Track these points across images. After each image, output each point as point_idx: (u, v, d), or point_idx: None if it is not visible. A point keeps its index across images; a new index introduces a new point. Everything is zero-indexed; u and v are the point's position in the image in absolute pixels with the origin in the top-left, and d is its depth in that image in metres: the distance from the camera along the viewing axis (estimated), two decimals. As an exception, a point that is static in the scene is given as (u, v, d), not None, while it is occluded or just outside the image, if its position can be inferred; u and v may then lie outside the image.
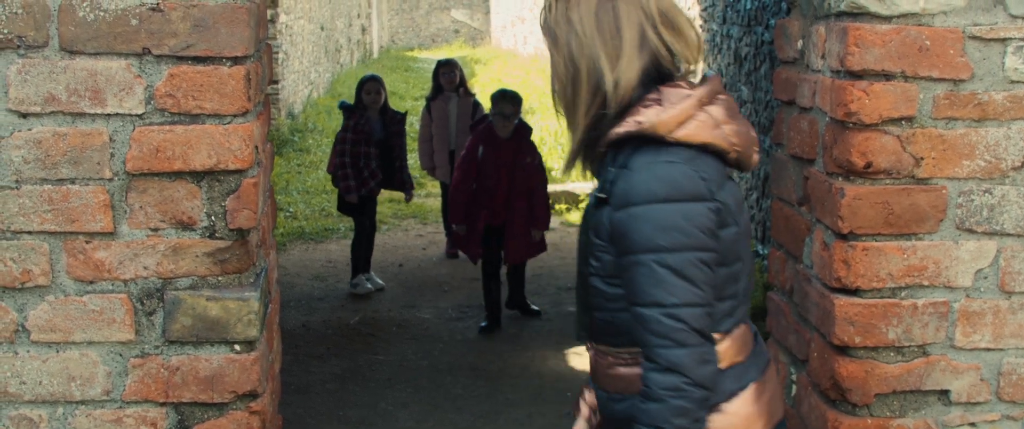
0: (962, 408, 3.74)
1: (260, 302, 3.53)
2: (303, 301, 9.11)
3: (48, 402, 3.52)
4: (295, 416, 6.50)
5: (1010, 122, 3.59)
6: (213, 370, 3.50)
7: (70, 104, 3.34)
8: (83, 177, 3.38)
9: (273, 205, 4.04)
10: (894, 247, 3.62)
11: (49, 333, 3.47)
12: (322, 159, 15.12)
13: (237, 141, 3.38)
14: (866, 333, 3.65)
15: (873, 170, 3.57)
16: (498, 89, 8.62)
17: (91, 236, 3.42)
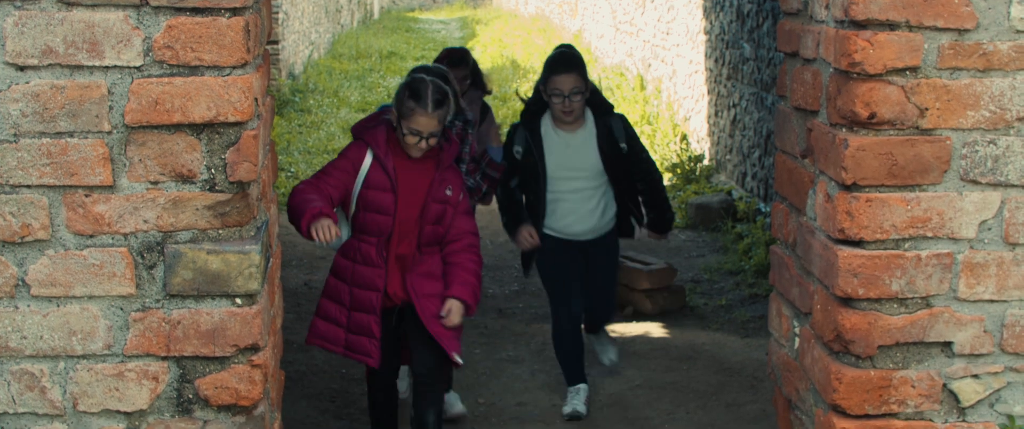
0: (965, 360, 3.73)
1: (261, 255, 3.52)
2: (305, 260, 9.12)
3: (49, 356, 3.51)
4: (298, 373, 6.51)
5: (1015, 72, 3.56)
6: (214, 324, 3.49)
7: (68, 56, 3.32)
8: (82, 130, 3.37)
9: (274, 158, 4.02)
10: (898, 198, 3.61)
11: (49, 287, 3.46)
12: (323, 119, 15.10)
13: (236, 93, 3.36)
14: (869, 285, 3.64)
15: (877, 121, 3.55)
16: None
17: (90, 190, 3.40)
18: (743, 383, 6.52)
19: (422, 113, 5.04)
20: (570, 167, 6.16)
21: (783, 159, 4.28)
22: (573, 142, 6.16)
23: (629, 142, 6.21)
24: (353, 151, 5.23)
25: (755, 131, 10.29)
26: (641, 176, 6.36)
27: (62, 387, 3.52)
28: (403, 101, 5.08)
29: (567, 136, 6.15)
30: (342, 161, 5.22)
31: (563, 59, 6.12)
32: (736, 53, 10.99)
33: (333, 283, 5.39)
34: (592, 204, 6.23)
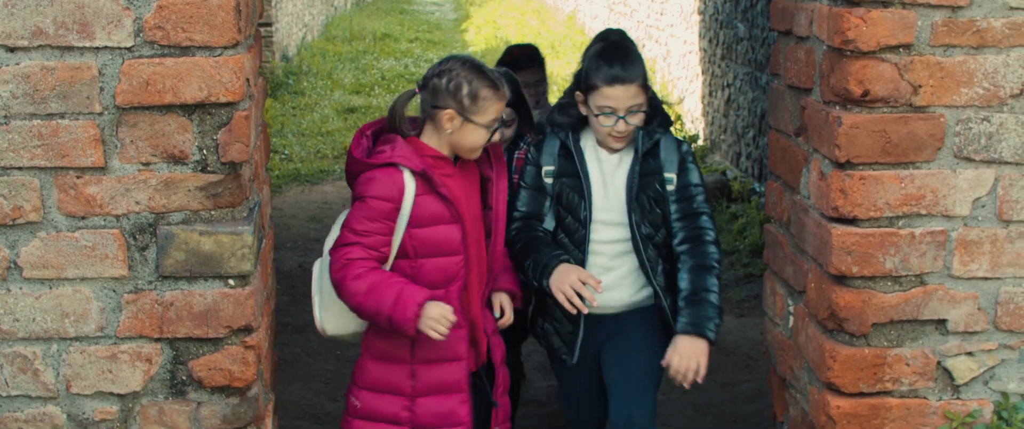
0: (959, 337, 3.73)
1: (254, 236, 3.51)
2: (300, 242, 9.11)
3: (42, 339, 3.50)
4: (293, 355, 6.51)
5: (1009, 49, 3.55)
6: (207, 305, 3.49)
7: (58, 37, 3.30)
8: (73, 112, 3.35)
9: (266, 139, 4.02)
10: (891, 176, 3.60)
11: (41, 269, 3.45)
12: (317, 101, 15.07)
13: (228, 73, 3.34)
14: (863, 263, 3.64)
15: (870, 98, 3.54)
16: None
17: (82, 171, 3.39)
18: (738, 362, 6.53)
19: (499, 97, 3.96)
20: (604, 207, 4.29)
21: (777, 137, 4.27)
22: (607, 166, 4.32)
23: (681, 176, 4.30)
24: (384, 184, 3.86)
25: (749, 111, 10.28)
26: (687, 237, 4.28)
27: (55, 369, 3.52)
28: (472, 93, 3.89)
29: (603, 156, 4.33)
30: (378, 203, 3.85)
31: (619, 58, 4.19)
32: (730, 33, 10.97)
33: (375, 370, 4.07)
34: (630, 264, 4.31)
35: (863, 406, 3.75)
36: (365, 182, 3.88)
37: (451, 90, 3.89)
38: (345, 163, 4.06)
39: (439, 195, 3.90)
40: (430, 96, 3.93)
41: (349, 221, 3.88)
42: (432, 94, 3.92)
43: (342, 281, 3.82)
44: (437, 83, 3.91)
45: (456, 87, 3.88)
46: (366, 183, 3.87)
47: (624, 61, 4.17)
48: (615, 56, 4.18)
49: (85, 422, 3.56)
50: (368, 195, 3.85)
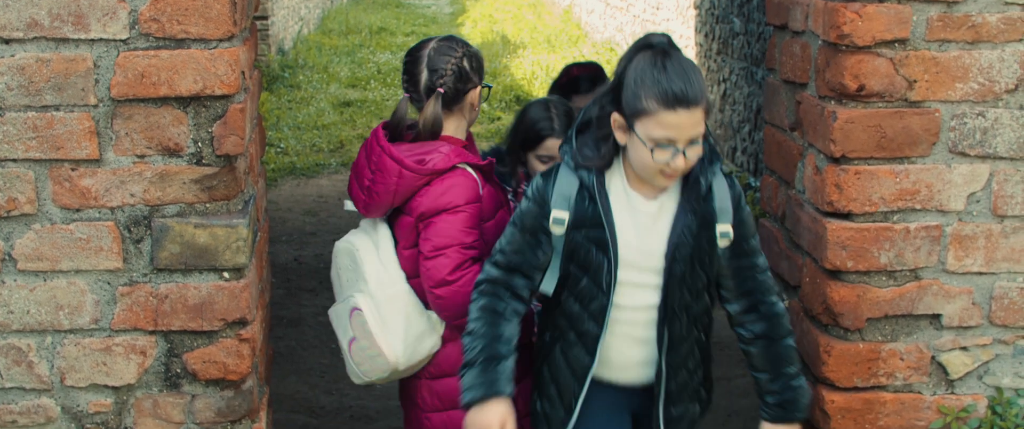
0: (954, 332, 3.73)
1: (249, 229, 3.51)
2: (295, 236, 9.10)
3: (36, 331, 3.50)
4: (288, 348, 6.51)
5: (1004, 44, 3.55)
6: (202, 298, 3.49)
7: (53, 29, 3.30)
8: (67, 104, 3.35)
9: (261, 132, 4.01)
10: (886, 171, 3.60)
11: (36, 262, 3.45)
12: (313, 95, 15.05)
13: (223, 66, 3.34)
14: (858, 257, 3.64)
15: (866, 93, 3.54)
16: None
17: (77, 163, 3.39)
18: (733, 357, 6.51)
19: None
20: (635, 264, 3.41)
21: (772, 132, 4.27)
22: (643, 216, 3.41)
23: (738, 230, 3.46)
24: (467, 187, 3.73)
25: (745, 106, 10.27)
26: (752, 304, 3.55)
27: (49, 362, 3.52)
28: (480, 61, 3.90)
29: (638, 201, 3.40)
30: (473, 208, 3.73)
31: (680, 73, 3.22)
32: (726, 27, 10.97)
33: None
34: (656, 331, 3.49)
35: (857, 400, 3.75)
36: (447, 191, 3.68)
37: (475, 67, 3.86)
38: (389, 183, 3.68)
39: (494, 184, 3.86)
40: (459, 83, 3.80)
41: (455, 235, 3.66)
42: (461, 80, 3.80)
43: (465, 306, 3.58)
44: (462, 67, 3.80)
45: (478, 61, 3.88)
46: (449, 192, 3.68)
47: (686, 77, 3.20)
48: (674, 71, 3.21)
49: (79, 414, 3.56)
50: (461, 203, 3.68)
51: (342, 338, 3.85)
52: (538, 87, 14.87)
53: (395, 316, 3.73)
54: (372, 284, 3.75)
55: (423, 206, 3.68)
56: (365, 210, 3.79)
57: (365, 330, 3.73)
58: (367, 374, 3.83)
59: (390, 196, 3.70)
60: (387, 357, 3.72)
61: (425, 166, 3.68)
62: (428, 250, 3.67)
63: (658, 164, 3.24)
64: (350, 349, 3.83)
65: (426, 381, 3.87)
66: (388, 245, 3.81)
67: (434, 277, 3.66)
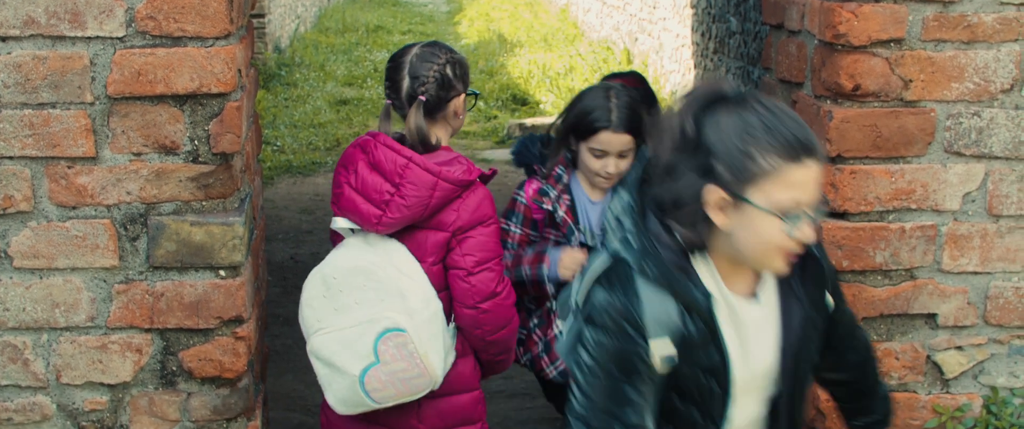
0: (949, 331, 3.74)
1: (245, 227, 3.51)
2: (291, 234, 9.09)
3: (32, 329, 3.50)
4: (284, 346, 6.50)
5: (999, 44, 3.56)
6: (198, 296, 3.49)
7: (50, 27, 3.30)
8: (64, 101, 3.35)
9: (258, 130, 4.01)
10: (882, 170, 3.61)
11: (32, 259, 3.45)
12: (310, 93, 15.06)
13: (219, 64, 3.34)
14: (854, 257, 3.64)
15: (861, 93, 3.55)
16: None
17: (73, 161, 3.39)
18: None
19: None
20: (748, 384, 2.63)
21: (768, 131, 4.27)
22: (747, 323, 2.60)
23: (835, 293, 2.78)
24: (490, 199, 3.72)
25: (741, 105, 10.27)
26: (850, 361, 2.91)
27: (45, 359, 3.52)
28: (465, 69, 3.81)
29: (739, 305, 2.58)
30: (500, 221, 3.86)
31: (792, 119, 2.49)
32: (722, 26, 10.97)
33: None
34: None
35: (852, 400, 3.76)
36: (480, 204, 3.63)
37: (459, 74, 3.75)
38: (423, 196, 3.53)
39: None
40: (441, 91, 3.70)
41: (493, 248, 3.64)
42: (443, 88, 3.69)
43: (517, 327, 3.77)
44: (445, 75, 3.69)
45: (463, 70, 3.76)
46: (482, 205, 3.63)
47: (798, 120, 2.51)
48: (784, 114, 2.49)
49: (75, 412, 3.56)
50: (493, 214, 3.66)
51: (349, 366, 3.53)
52: (535, 86, 14.87)
53: (436, 334, 3.56)
54: (413, 302, 3.51)
55: (462, 220, 3.58)
56: (379, 225, 3.55)
57: (406, 351, 3.49)
58: (384, 400, 3.56)
59: (422, 208, 3.53)
60: (431, 377, 3.54)
61: (457, 176, 3.56)
62: (471, 265, 3.59)
63: (785, 239, 2.44)
64: (366, 376, 3.52)
65: (428, 400, 3.70)
66: (411, 261, 3.60)
67: (483, 292, 3.60)
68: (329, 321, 3.58)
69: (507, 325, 3.68)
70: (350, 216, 3.61)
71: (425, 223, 3.59)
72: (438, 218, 3.58)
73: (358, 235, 3.66)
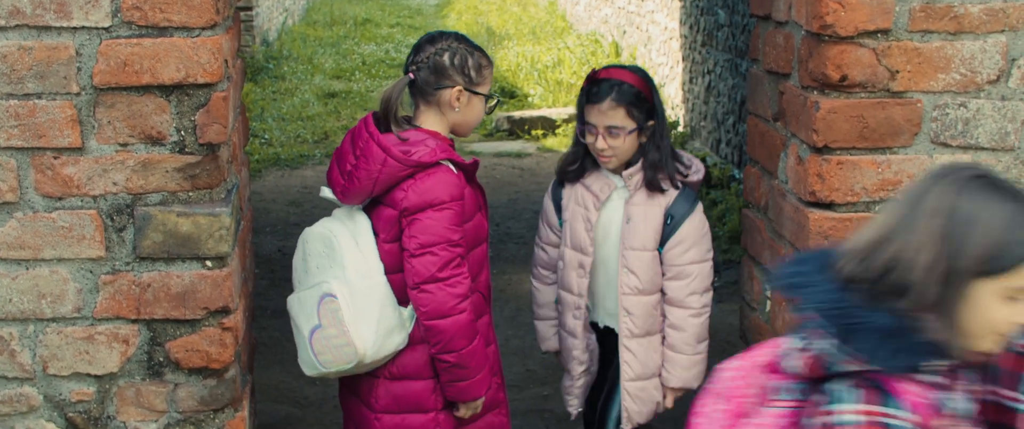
0: (935, 322, 3.74)
1: (232, 218, 3.51)
2: (279, 226, 9.09)
3: (18, 320, 3.49)
4: (271, 339, 6.50)
5: (986, 35, 3.56)
6: (185, 286, 3.48)
7: (35, 17, 3.29)
8: (50, 92, 3.34)
9: (244, 121, 4.01)
10: (869, 161, 3.61)
11: (18, 250, 3.44)
12: (297, 86, 15.04)
13: (206, 54, 3.34)
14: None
15: (848, 83, 3.55)
16: None
17: (59, 152, 3.38)
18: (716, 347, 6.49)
19: (491, 65, 3.90)
20: None
21: (755, 122, 4.28)
22: None
23: None
24: (450, 183, 3.68)
25: (729, 97, 10.29)
26: None
27: (32, 350, 3.51)
28: (476, 65, 3.80)
29: None
30: (458, 205, 3.68)
31: None
32: (710, 19, 10.98)
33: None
34: None
35: (839, 390, 3.76)
36: (433, 187, 3.63)
37: (458, 65, 3.73)
38: (372, 170, 3.62)
39: (475, 185, 3.82)
40: (432, 77, 3.72)
41: (441, 233, 3.62)
42: (435, 74, 3.72)
43: (467, 323, 3.68)
44: (439, 62, 3.71)
45: (462, 61, 3.73)
46: (435, 187, 3.63)
47: None
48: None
49: (62, 403, 3.56)
50: (447, 199, 3.62)
51: (304, 325, 3.72)
52: (523, 78, 14.87)
53: (370, 307, 3.64)
54: (351, 272, 3.66)
55: (408, 200, 3.62)
56: (342, 196, 3.72)
57: (337, 318, 3.63)
58: (327, 365, 3.70)
59: (371, 183, 3.63)
60: (356, 347, 3.62)
61: (410, 157, 3.61)
62: (414, 247, 3.62)
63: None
64: (312, 337, 3.70)
65: (384, 381, 3.79)
66: (368, 235, 3.73)
67: (422, 274, 3.61)
68: (301, 282, 3.82)
69: (448, 316, 3.63)
70: (330, 185, 3.78)
71: (382, 199, 3.69)
72: (391, 195, 3.67)
73: (343, 206, 3.81)
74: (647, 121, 4.12)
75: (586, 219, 4.23)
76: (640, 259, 4.15)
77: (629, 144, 4.12)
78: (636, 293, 4.18)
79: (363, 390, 3.84)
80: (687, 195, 4.17)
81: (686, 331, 4.20)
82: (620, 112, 4.07)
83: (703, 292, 4.22)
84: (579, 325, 4.33)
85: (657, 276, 4.18)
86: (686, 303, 4.18)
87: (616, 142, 4.09)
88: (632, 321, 4.21)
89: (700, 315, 4.21)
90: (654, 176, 4.12)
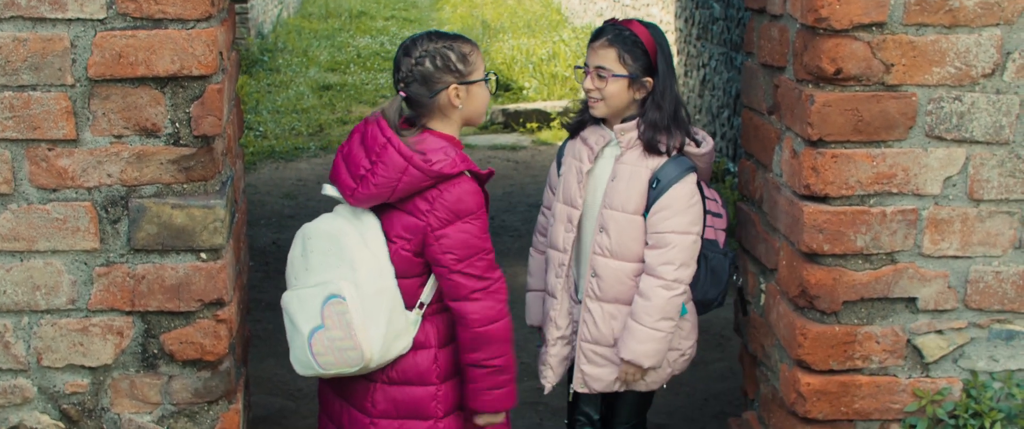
0: (929, 315, 3.75)
1: (226, 210, 3.50)
2: (274, 219, 9.09)
3: (13, 312, 3.49)
4: (265, 331, 6.50)
5: (981, 28, 3.56)
6: (179, 278, 3.48)
7: (30, 9, 3.29)
8: (44, 83, 3.34)
9: (239, 114, 4.01)
10: (863, 154, 3.61)
11: (12, 242, 3.44)
12: (292, 78, 15.03)
13: (201, 46, 3.33)
14: (834, 240, 3.65)
15: (843, 77, 3.55)
16: None
17: (53, 143, 3.38)
18: (710, 341, 6.55)
19: (475, 45, 3.82)
20: None
21: (750, 116, 4.28)
22: None
23: None
24: (474, 191, 3.66)
25: (724, 91, 10.29)
26: None
27: (26, 342, 3.51)
28: (460, 56, 3.72)
29: None
30: (484, 214, 3.68)
31: None
32: (706, 13, 10.98)
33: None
34: None
35: (833, 383, 3.77)
36: (462, 199, 3.59)
37: (442, 66, 3.65)
38: (391, 177, 3.54)
39: (484, 193, 3.74)
40: (423, 87, 3.65)
41: (475, 243, 3.60)
42: (424, 84, 3.65)
43: (509, 327, 3.69)
44: (423, 70, 3.64)
45: (445, 60, 3.65)
46: (464, 198, 3.60)
47: None
48: None
49: (56, 395, 3.56)
50: (475, 209, 3.61)
51: (303, 325, 3.59)
52: (518, 71, 14.87)
53: (380, 311, 3.55)
54: (362, 273, 3.55)
55: (437, 214, 3.56)
56: (352, 198, 3.61)
57: (344, 320, 3.52)
58: (327, 367, 3.59)
59: (389, 190, 3.55)
60: (363, 352, 3.53)
61: (433, 167, 3.53)
62: (452, 263, 3.56)
63: None
64: (312, 338, 3.58)
65: (382, 385, 3.71)
66: (379, 237, 3.64)
67: (467, 286, 3.58)
68: (299, 278, 3.66)
69: (496, 320, 3.62)
70: (335, 184, 3.67)
71: (400, 205, 3.60)
72: (412, 203, 3.58)
73: (346, 204, 3.69)
74: (643, 75, 4.02)
75: (579, 171, 4.13)
76: (616, 221, 4.03)
77: (617, 91, 4.01)
78: (606, 255, 4.05)
79: (357, 394, 3.76)
80: (679, 161, 4.02)
81: (651, 301, 3.97)
82: (611, 53, 4.00)
83: (680, 266, 3.98)
84: (560, 284, 4.18)
85: (634, 243, 4.03)
86: (658, 272, 3.97)
87: (602, 84, 4.01)
88: (597, 284, 4.09)
89: (670, 289, 3.97)
90: (653, 137, 4.00)
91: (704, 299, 4.16)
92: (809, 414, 3.80)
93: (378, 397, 3.72)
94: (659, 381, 4.17)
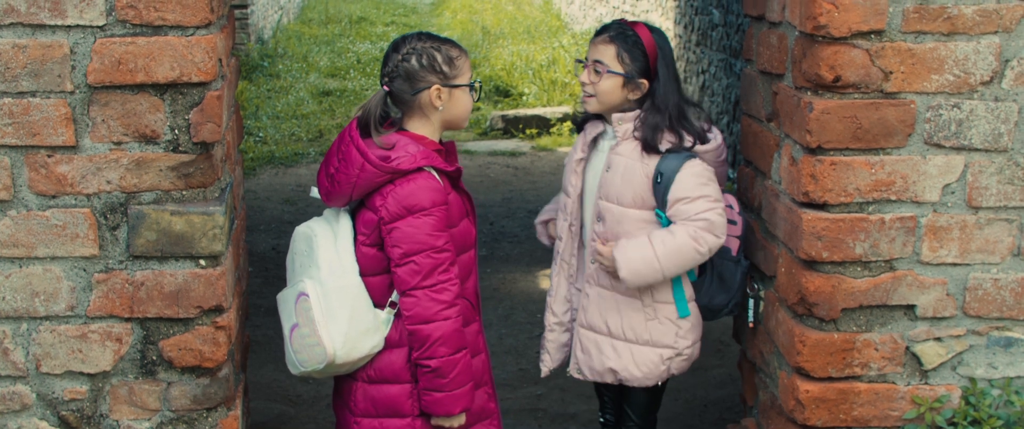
0: (928, 323, 3.75)
1: (225, 217, 3.51)
2: (273, 225, 9.09)
3: (12, 318, 3.49)
4: (265, 337, 6.50)
5: (979, 36, 3.57)
6: (178, 285, 3.48)
7: (30, 15, 3.29)
8: (44, 90, 3.34)
9: (239, 120, 4.01)
10: (862, 161, 3.62)
11: (12, 248, 3.44)
12: (292, 84, 15.03)
13: (200, 53, 3.34)
14: (833, 248, 3.65)
15: (842, 84, 3.56)
16: None
17: (53, 150, 3.38)
18: (709, 347, 6.53)
19: (464, 52, 3.86)
20: None
21: (749, 123, 4.28)
22: None
23: None
24: (433, 188, 3.63)
25: (723, 97, 10.30)
26: None
27: (25, 349, 3.51)
28: (446, 59, 3.76)
29: None
30: (440, 211, 3.63)
31: None
32: (705, 19, 10.98)
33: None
34: None
35: (832, 390, 3.77)
36: (412, 193, 3.59)
37: (427, 65, 3.68)
38: (350, 174, 3.60)
39: (460, 191, 3.80)
40: (406, 84, 3.69)
41: (423, 240, 3.58)
42: (408, 80, 3.69)
43: (453, 331, 3.64)
44: (409, 67, 3.68)
45: (430, 60, 3.69)
46: (414, 194, 3.59)
47: None
48: None
49: (55, 401, 3.56)
50: (429, 205, 3.59)
51: (285, 324, 3.71)
52: (518, 77, 14.87)
53: (341, 307, 3.61)
54: (324, 271, 3.64)
55: (387, 207, 3.58)
56: (326, 198, 3.71)
57: (309, 317, 3.60)
58: (304, 363, 3.66)
59: (350, 188, 3.60)
60: (325, 347, 3.58)
61: (388, 164, 3.58)
62: (397, 256, 3.59)
63: None
64: (291, 335, 3.67)
65: (362, 384, 3.76)
66: (347, 236, 3.71)
67: (408, 282, 3.58)
68: (288, 280, 3.80)
69: (432, 321, 3.60)
70: (318, 186, 3.75)
71: (365, 202, 3.67)
72: (371, 200, 3.64)
73: (328, 207, 3.81)
74: (640, 77, 4.03)
75: (575, 161, 4.22)
76: (611, 212, 4.07)
77: (610, 88, 4.04)
78: (602, 243, 4.11)
79: (345, 393, 3.83)
80: (679, 153, 4.02)
81: (672, 235, 3.94)
82: (610, 50, 4.05)
83: (709, 230, 3.94)
84: (559, 270, 4.33)
85: (629, 233, 4.04)
86: (694, 217, 3.94)
87: (597, 79, 4.06)
88: (594, 271, 4.18)
89: (694, 239, 3.92)
90: (653, 136, 4.00)
91: (710, 304, 4.15)
92: (808, 421, 3.80)
93: (359, 396, 3.77)
94: (653, 379, 4.17)
